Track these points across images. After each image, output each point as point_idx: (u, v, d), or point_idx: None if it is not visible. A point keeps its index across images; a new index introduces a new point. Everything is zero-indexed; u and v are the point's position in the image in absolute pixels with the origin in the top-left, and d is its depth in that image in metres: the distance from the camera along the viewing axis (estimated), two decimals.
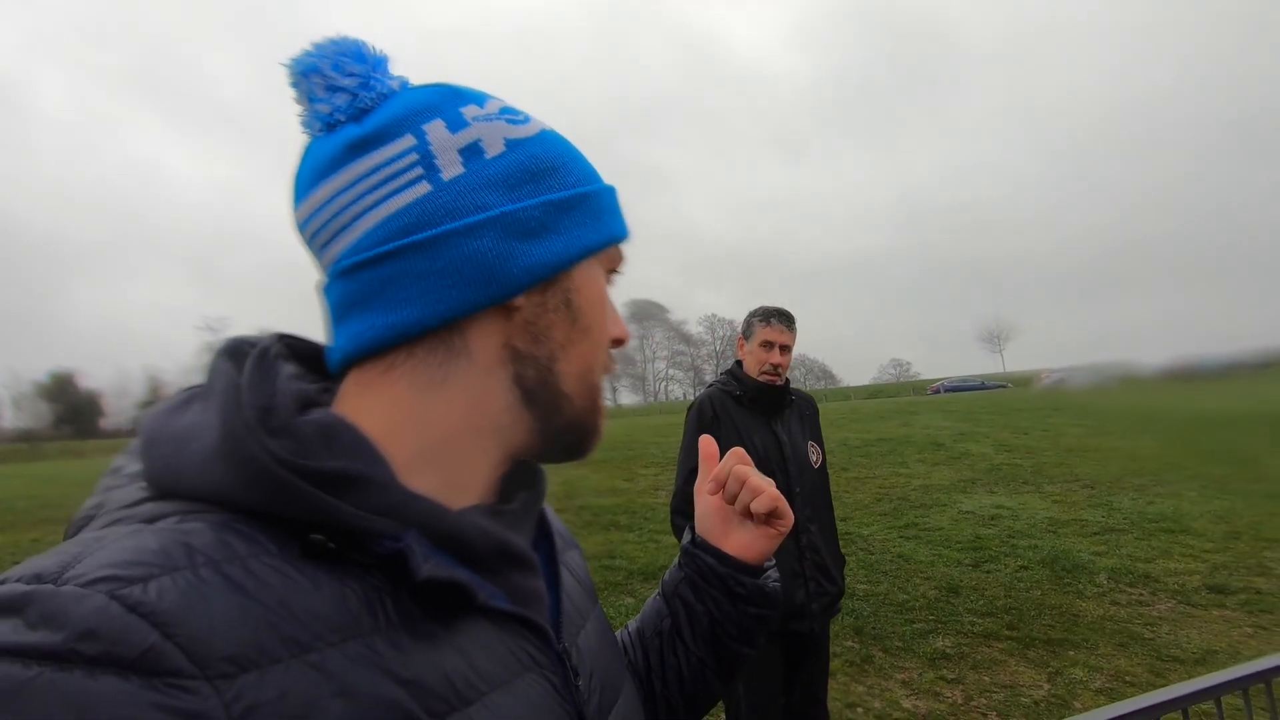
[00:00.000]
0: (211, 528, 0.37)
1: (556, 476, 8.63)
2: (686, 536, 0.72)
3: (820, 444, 2.47)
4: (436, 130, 0.46)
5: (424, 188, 0.44)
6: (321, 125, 0.47)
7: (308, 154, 0.47)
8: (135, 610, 0.31)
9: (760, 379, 2.35)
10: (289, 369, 0.46)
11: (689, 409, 2.42)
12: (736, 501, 0.68)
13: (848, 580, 5.07)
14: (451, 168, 0.45)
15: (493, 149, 0.47)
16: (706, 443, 0.74)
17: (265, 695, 0.33)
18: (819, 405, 2.62)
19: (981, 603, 4.57)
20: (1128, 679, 3.60)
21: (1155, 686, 3.57)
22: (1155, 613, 4.40)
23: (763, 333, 2.37)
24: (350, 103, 0.46)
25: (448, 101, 0.47)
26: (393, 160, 0.45)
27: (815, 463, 2.40)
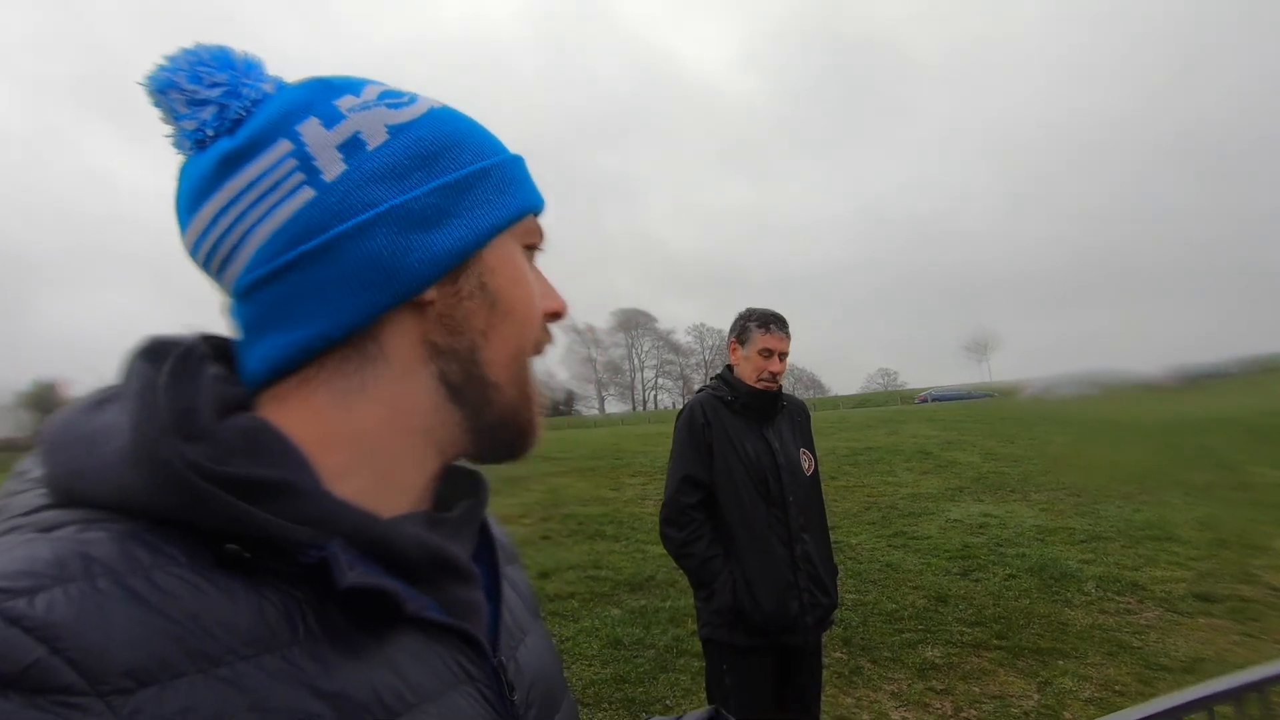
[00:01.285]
0: (115, 537, 0.34)
1: (541, 485, 8.56)
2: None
3: (813, 451, 2.43)
4: (311, 129, 0.43)
5: (307, 193, 0.42)
6: (191, 144, 0.44)
7: (183, 176, 0.44)
8: (18, 624, 0.29)
9: (757, 386, 2.31)
10: (214, 371, 0.43)
11: (679, 414, 2.38)
12: None
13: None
14: (333, 167, 0.43)
15: (374, 139, 0.44)
16: None
17: (166, 711, 0.31)
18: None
19: (970, 612, 4.54)
20: (1117, 688, 3.59)
21: (1144, 695, 3.56)
22: (1143, 621, 4.39)
23: (763, 340, 2.32)
24: (219, 115, 0.43)
25: (320, 96, 0.45)
26: (271, 170, 0.42)
27: (808, 470, 2.36)
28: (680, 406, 2.53)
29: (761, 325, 2.34)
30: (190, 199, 0.44)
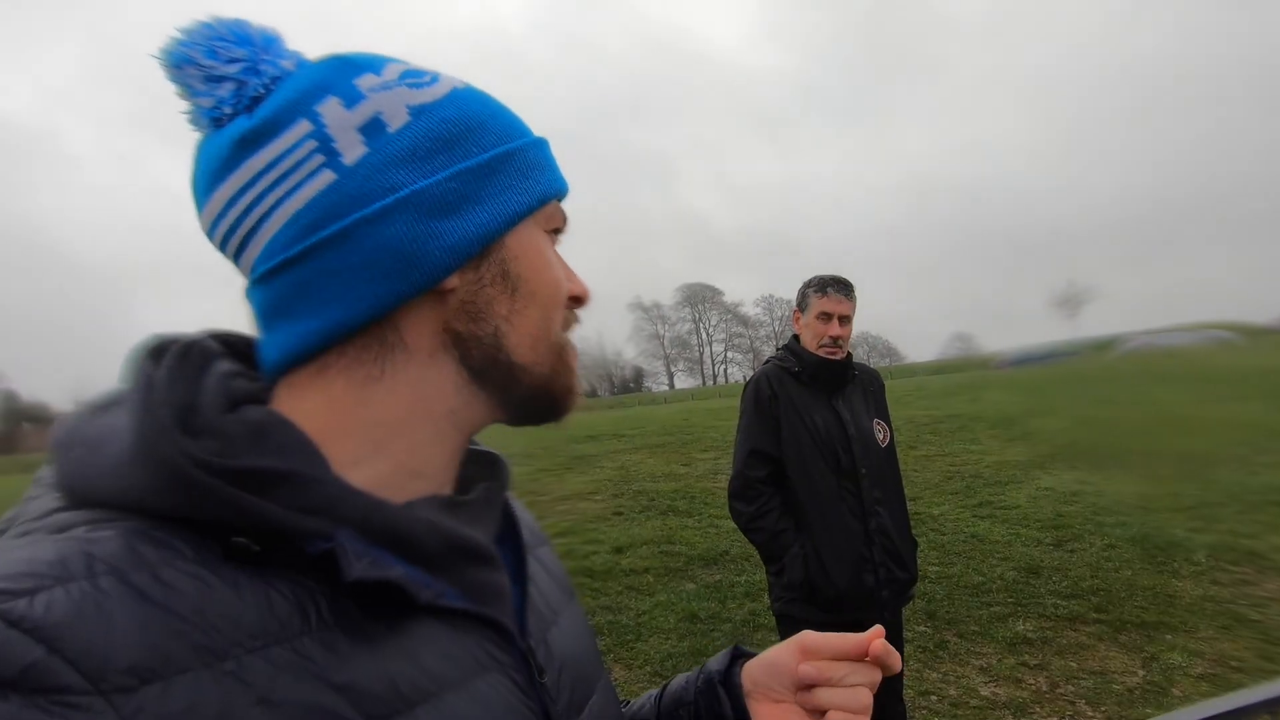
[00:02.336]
0: (120, 535, 0.34)
1: (611, 462, 8.67)
2: (723, 660, 0.60)
3: (887, 421, 2.34)
4: (331, 110, 0.42)
5: (328, 176, 0.41)
6: (208, 121, 0.42)
7: (200, 154, 0.43)
8: (17, 625, 0.29)
9: (820, 353, 2.23)
10: (224, 366, 0.43)
11: (745, 387, 2.33)
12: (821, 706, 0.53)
13: (918, 562, 4.89)
14: (353, 149, 0.41)
15: (396, 121, 0.42)
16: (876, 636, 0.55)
17: (170, 708, 0.30)
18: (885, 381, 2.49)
19: (1065, 584, 4.31)
20: (1234, 664, 3.33)
21: (1267, 672, 3.29)
22: (1263, 592, 4.05)
23: (819, 303, 2.24)
24: (236, 92, 0.42)
25: (340, 75, 0.43)
26: (289, 151, 0.41)
27: (882, 441, 2.27)
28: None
29: (819, 290, 2.26)
30: (207, 179, 0.43)
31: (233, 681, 0.32)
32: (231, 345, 0.46)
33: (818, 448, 2.15)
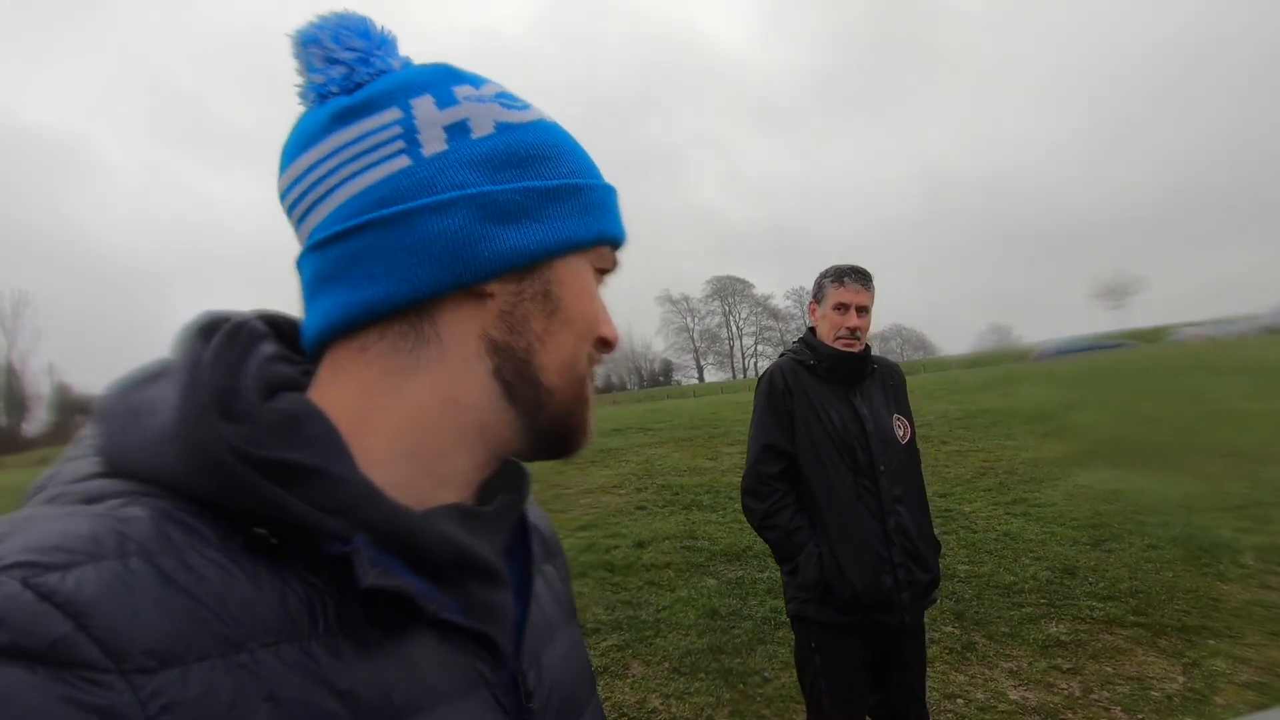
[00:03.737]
0: (151, 515, 0.35)
1: (637, 456, 8.64)
2: None
3: (908, 416, 2.25)
4: (424, 105, 0.45)
5: (403, 161, 0.43)
6: (315, 96, 0.46)
7: (298, 125, 0.47)
8: (49, 599, 0.30)
9: (836, 345, 2.15)
10: (268, 349, 0.44)
11: (759, 380, 2.27)
12: None
13: (947, 561, 4.77)
14: (434, 144, 0.44)
15: (480, 129, 0.45)
16: None
17: (187, 693, 0.31)
18: (911, 375, 2.40)
19: (1102, 585, 4.15)
20: None
21: None
22: None
23: (836, 294, 2.17)
24: (346, 76, 0.45)
25: (441, 79, 0.46)
26: (375, 131, 0.44)
27: (903, 437, 2.19)
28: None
29: (835, 280, 2.18)
30: (296, 146, 0.46)
31: (246, 674, 0.33)
32: (277, 327, 0.48)
33: (834, 444, 2.08)
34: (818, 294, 2.24)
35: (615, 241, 0.51)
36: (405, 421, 0.43)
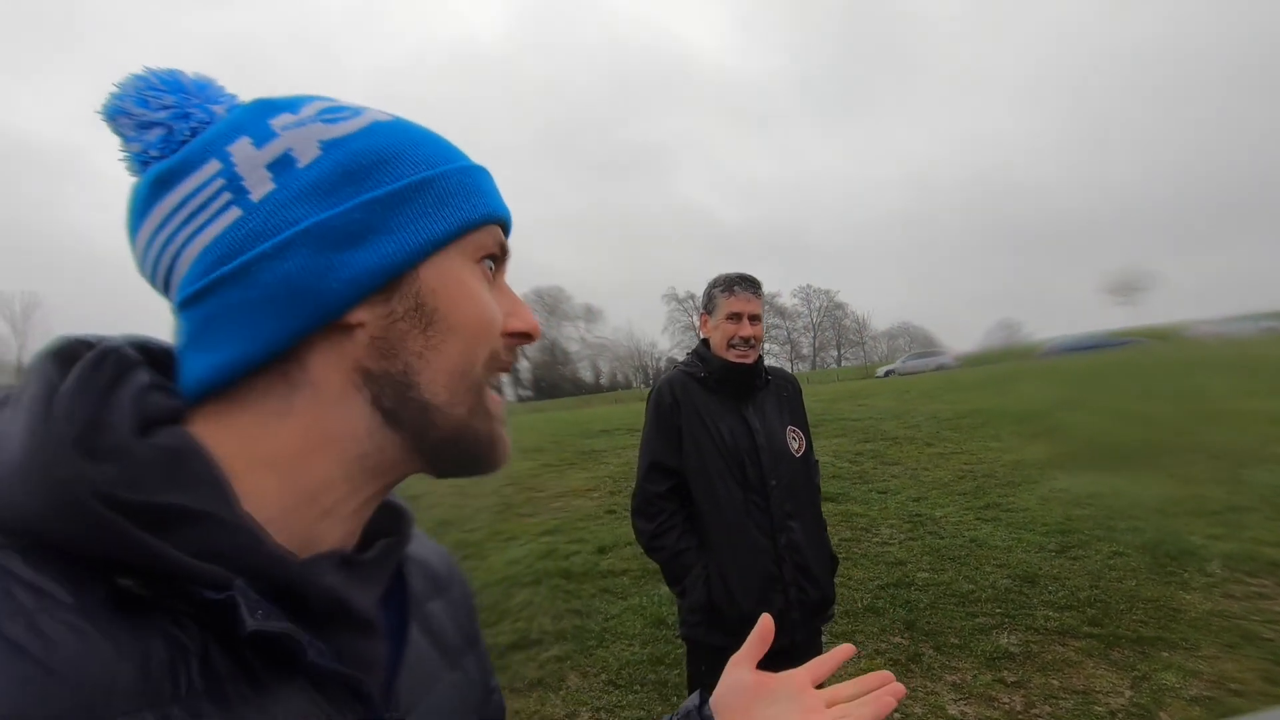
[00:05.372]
0: None
1: (617, 459, 8.58)
2: (695, 700, 0.63)
3: (803, 428, 2.18)
4: (241, 149, 0.42)
5: (234, 213, 0.41)
6: (139, 166, 0.44)
7: (129, 199, 0.45)
8: None
9: (729, 356, 2.09)
10: (143, 378, 0.41)
11: (648, 396, 2.20)
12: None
13: (908, 568, 4.68)
14: (260, 186, 0.42)
15: (305, 156, 0.43)
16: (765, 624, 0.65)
17: None
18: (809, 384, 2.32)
19: (1062, 594, 4.06)
20: (1233, 686, 3.07)
21: (1270, 698, 3.02)
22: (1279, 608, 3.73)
23: (728, 304, 2.10)
24: (165, 138, 0.43)
25: (256, 116, 0.44)
26: (198, 190, 0.42)
27: (796, 450, 2.12)
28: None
29: (725, 289, 2.11)
30: (131, 221, 0.44)
31: None
32: (152, 355, 0.44)
33: (723, 458, 2.01)
34: (708, 305, 2.18)
35: (488, 222, 0.47)
36: (284, 462, 0.42)
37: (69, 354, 0.39)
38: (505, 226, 0.50)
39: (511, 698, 3.35)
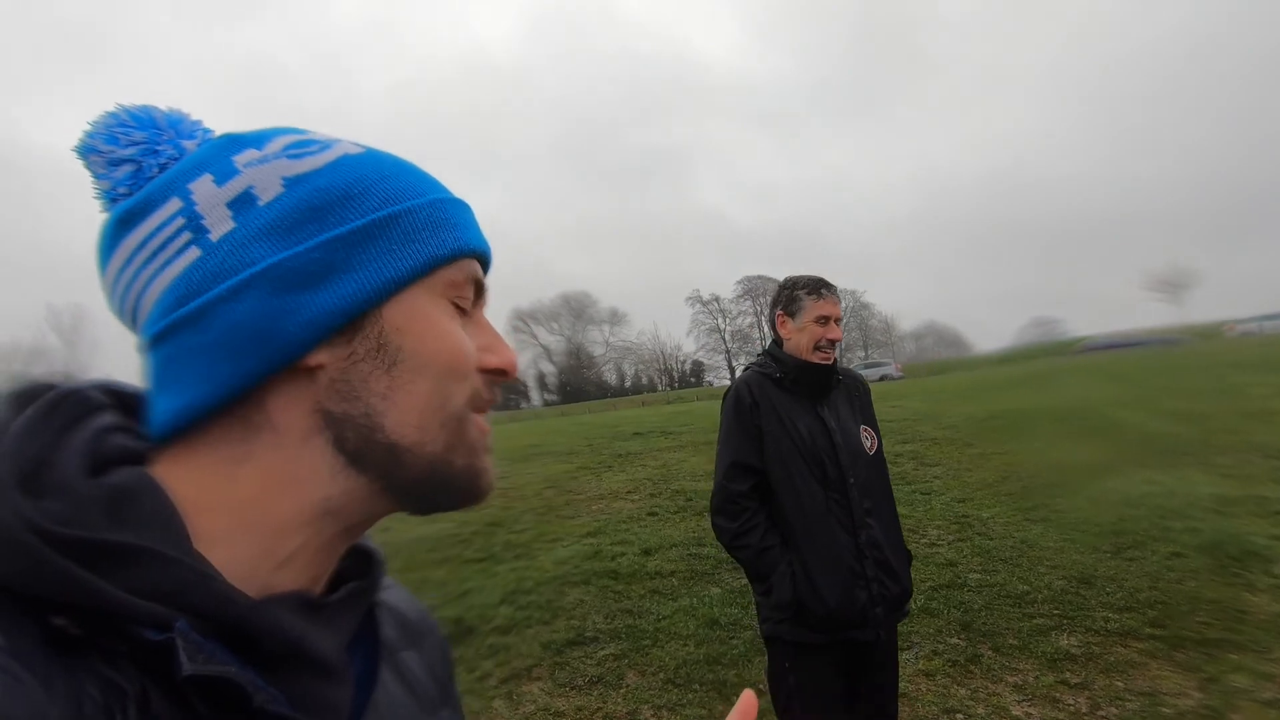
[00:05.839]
0: None
1: (654, 461, 8.62)
2: None
3: (875, 427, 2.20)
4: (203, 187, 0.41)
5: (194, 254, 0.40)
6: (109, 204, 0.44)
7: (98, 235, 0.44)
8: None
9: (814, 358, 2.12)
10: (105, 420, 0.41)
11: (725, 395, 2.24)
12: None
13: (959, 569, 4.64)
14: (220, 225, 0.41)
15: (267, 194, 0.41)
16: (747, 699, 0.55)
17: None
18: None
19: (1120, 596, 3.99)
20: None
21: None
22: None
23: (816, 307, 2.12)
24: (134, 174, 0.43)
25: (220, 152, 0.43)
26: (159, 229, 0.41)
27: (870, 449, 2.14)
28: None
29: (812, 292, 2.14)
30: (100, 259, 0.44)
31: None
32: (122, 398, 0.44)
33: (803, 457, 2.04)
34: (790, 306, 2.19)
35: (461, 257, 0.45)
36: (244, 505, 0.41)
37: (29, 396, 0.39)
38: (483, 260, 0.48)
39: (572, 694, 3.40)
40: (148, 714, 0.33)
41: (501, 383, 0.47)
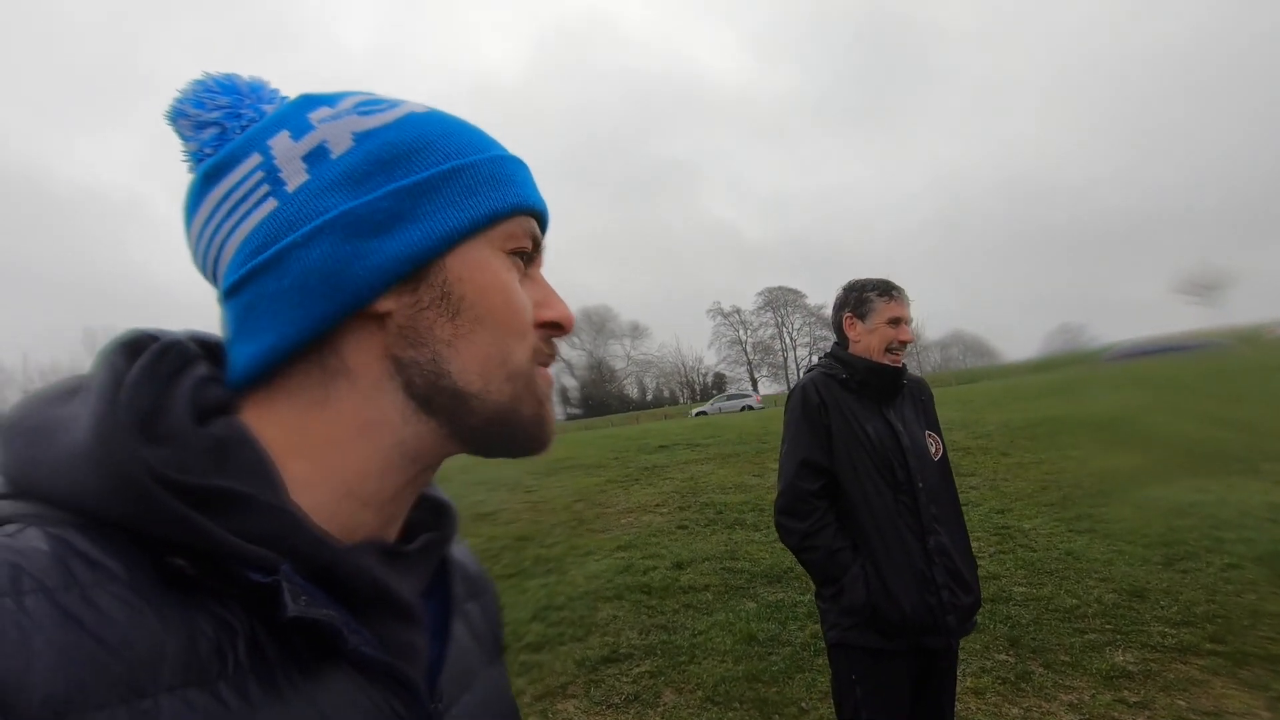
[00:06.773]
0: (52, 546, 0.33)
1: (680, 473, 8.53)
2: None
3: (939, 433, 2.14)
4: (280, 142, 0.44)
5: (271, 204, 0.43)
6: (195, 163, 0.46)
7: (185, 194, 0.47)
8: None
9: (885, 360, 2.07)
10: (201, 371, 0.43)
11: (789, 396, 2.17)
12: None
13: (1003, 582, 4.50)
14: (296, 177, 0.43)
15: (339, 147, 0.44)
16: None
17: None
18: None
19: (1175, 609, 3.83)
20: None
21: None
22: None
23: (888, 309, 2.08)
24: (218, 136, 0.46)
25: (296, 111, 0.46)
26: (241, 183, 0.44)
27: (935, 454, 2.08)
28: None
29: (883, 294, 2.10)
30: (186, 215, 0.46)
31: None
32: (210, 349, 0.46)
33: (872, 460, 1.98)
34: (859, 309, 2.14)
35: (519, 211, 0.47)
36: (324, 449, 0.43)
37: (136, 346, 0.41)
38: (540, 218, 0.50)
39: (608, 712, 3.34)
40: (256, 651, 0.36)
41: (558, 337, 0.49)
